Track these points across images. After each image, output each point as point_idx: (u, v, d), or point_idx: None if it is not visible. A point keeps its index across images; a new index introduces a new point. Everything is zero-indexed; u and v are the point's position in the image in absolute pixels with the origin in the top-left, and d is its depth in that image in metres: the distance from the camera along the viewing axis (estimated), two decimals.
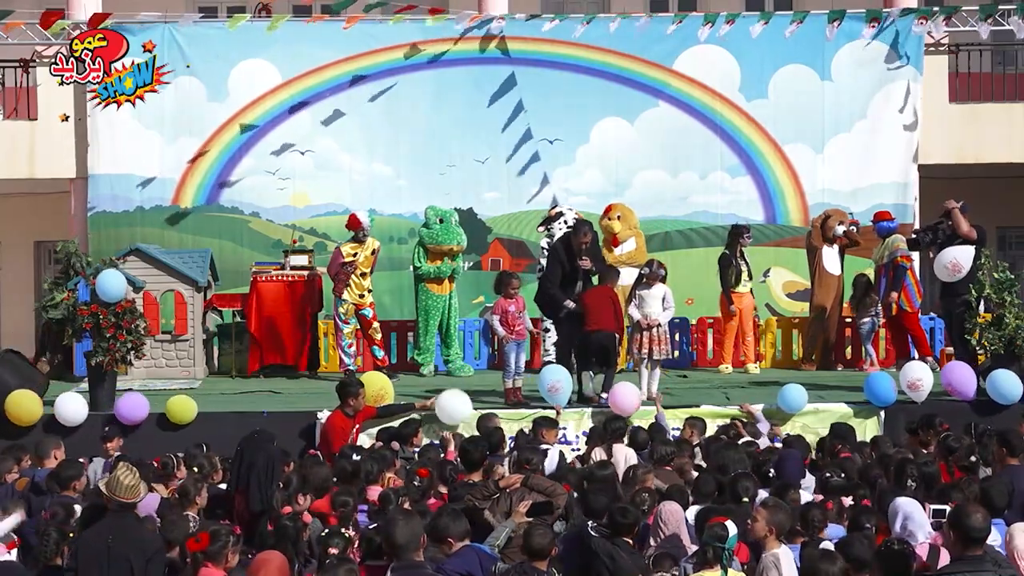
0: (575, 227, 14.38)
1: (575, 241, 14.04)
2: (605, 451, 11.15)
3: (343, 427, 12.54)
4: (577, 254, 13.97)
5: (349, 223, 16.28)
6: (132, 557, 7.70)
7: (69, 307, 14.32)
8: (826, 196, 18.93)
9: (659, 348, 14.03)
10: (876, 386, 13.65)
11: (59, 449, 11.30)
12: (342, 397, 12.69)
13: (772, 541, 7.97)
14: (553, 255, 14.40)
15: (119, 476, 7.96)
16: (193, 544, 7.59)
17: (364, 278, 16.13)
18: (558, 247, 14.38)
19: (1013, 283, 14.22)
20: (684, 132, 19.29)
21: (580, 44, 19.03)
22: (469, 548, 8.06)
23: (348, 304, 16.03)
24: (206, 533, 7.64)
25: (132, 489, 7.91)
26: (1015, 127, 19.89)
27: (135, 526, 7.99)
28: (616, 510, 8.48)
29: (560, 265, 14.08)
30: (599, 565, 8.27)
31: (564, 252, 14.13)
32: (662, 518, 8.74)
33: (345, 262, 16.00)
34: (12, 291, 22.62)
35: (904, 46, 19.01)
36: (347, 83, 19.20)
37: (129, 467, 8.19)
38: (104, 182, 18.95)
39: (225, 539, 7.63)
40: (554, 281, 14.12)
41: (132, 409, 13.35)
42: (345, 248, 16.15)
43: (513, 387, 13.98)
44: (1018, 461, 10.09)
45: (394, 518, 7.70)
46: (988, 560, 7.00)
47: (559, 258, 14.15)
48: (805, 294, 17.91)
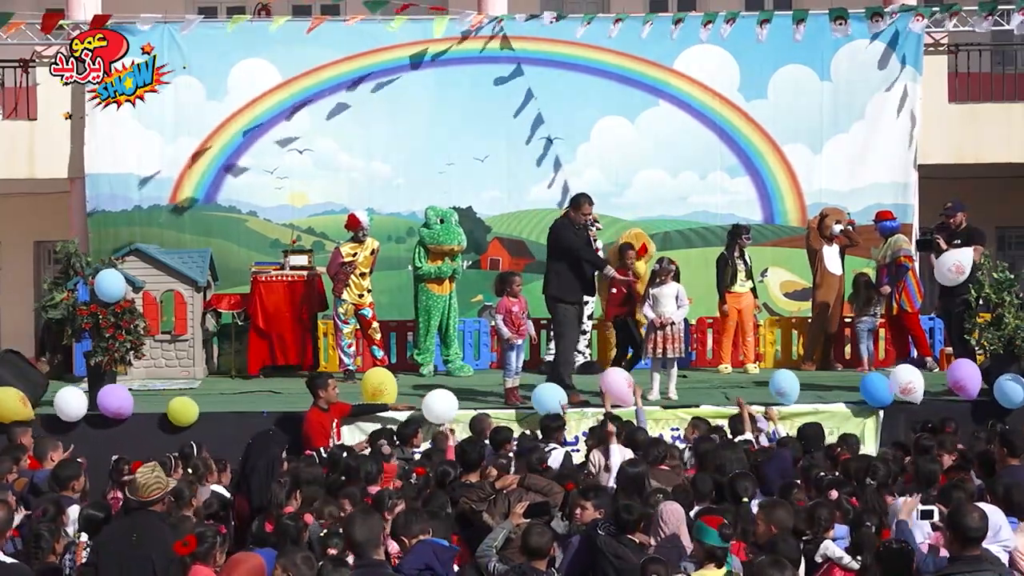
0: (574, 200, 14.20)
1: (577, 216, 13.95)
2: (601, 452, 11.12)
3: (320, 422, 12.63)
4: (583, 227, 13.90)
5: (348, 223, 16.28)
6: (155, 557, 7.72)
7: (69, 307, 14.33)
8: (824, 196, 18.93)
9: (673, 347, 14.09)
10: (872, 387, 13.66)
11: (57, 451, 11.30)
12: (313, 391, 12.79)
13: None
14: (565, 231, 14.07)
15: (136, 476, 8.05)
16: (181, 548, 7.61)
17: (364, 278, 16.14)
18: (563, 226, 14.12)
19: (1012, 283, 14.23)
20: (684, 132, 19.29)
21: (580, 43, 19.03)
22: (423, 543, 8.07)
23: (348, 304, 16.05)
24: (193, 536, 7.68)
25: (146, 488, 7.94)
26: (1014, 127, 19.89)
27: (157, 526, 7.98)
28: (621, 507, 8.49)
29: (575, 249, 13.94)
30: (605, 563, 8.28)
31: (572, 229, 14.06)
32: (663, 518, 8.73)
33: (344, 262, 16.00)
34: (12, 291, 22.62)
35: (903, 46, 19.01)
36: (346, 83, 19.18)
37: (152, 467, 8.21)
38: (104, 182, 18.94)
39: (212, 539, 7.71)
40: (585, 249, 13.94)
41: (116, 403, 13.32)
42: (344, 248, 16.16)
43: (514, 387, 14.00)
44: (1019, 461, 10.10)
45: (353, 516, 7.74)
46: (986, 560, 7.01)
47: (571, 232, 14.01)
48: (803, 294, 17.92)
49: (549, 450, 11.43)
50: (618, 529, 8.39)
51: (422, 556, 7.98)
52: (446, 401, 13.27)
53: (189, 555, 7.57)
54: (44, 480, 10.39)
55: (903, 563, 7.32)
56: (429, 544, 8.10)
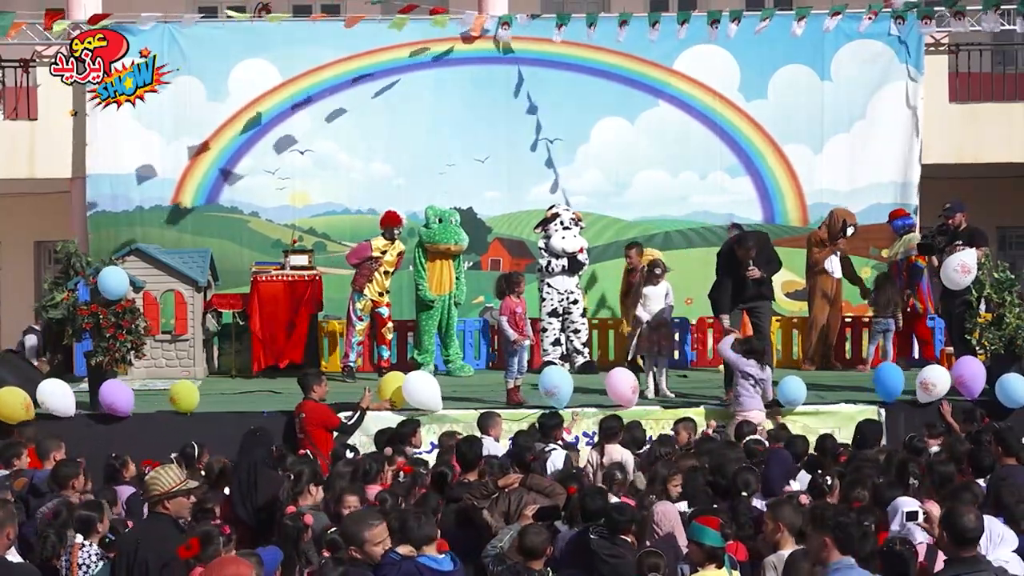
0: (739, 240, 14.32)
1: (739, 253, 14.01)
2: (598, 451, 11.11)
3: (319, 407, 12.55)
4: (743, 265, 13.94)
5: (387, 219, 16.30)
6: (150, 560, 7.68)
7: (69, 307, 14.32)
8: (825, 196, 18.92)
9: (665, 345, 14.15)
10: (887, 378, 13.64)
11: (59, 451, 11.27)
12: (305, 388, 12.74)
13: (787, 540, 7.88)
14: (723, 263, 14.32)
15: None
16: (184, 551, 7.49)
17: (387, 277, 16.15)
18: (724, 256, 14.35)
19: (1013, 283, 14.24)
20: (684, 132, 19.28)
21: (580, 44, 19.02)
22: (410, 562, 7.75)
23: (367, 300, 16.02)
24: (196, 538, 7.55)
25: (148, 484, 7.94)
26: (1015, 127, 19.88)
27: (161, 528, 7.91)
28: (612, 508, 8.47)
29: (728, 280, 14.10)
30: (600, 564, 8.26)
31: (727, 262, 14.18)
32: (656, 519, 8.70)
33: (373, 256, 15.98)
34: (12, 291, 22.64)
35: (904, 46, 18.99)
36: (347, 82, 19.18)
37: (165, 467, 8.18)
38: (104, 182, 18.94)
39: (216, 541, 7.60)
40: (722, 289, 14.12)
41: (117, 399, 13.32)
42: (376, 242, 16.15)
43: (515, 387, 14.01)
44: (1015, 461, 10.09)
45: (355, 515, 7.72)
46: (983, 560, 6.99)
47: (727, 268, 14.18)
48: (803, 294, 17.89)
49: (549, 450, 11.43)
50: (610, 531, 8.37)
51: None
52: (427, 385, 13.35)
53: (192, 558, 7.49)
54: (44, 480, 10.38)
55: (904, 564, 7.29)
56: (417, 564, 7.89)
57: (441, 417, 13.40)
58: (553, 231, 16.67)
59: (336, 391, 14.01)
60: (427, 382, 13.57)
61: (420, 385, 13.46)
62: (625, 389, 13.26)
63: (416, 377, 13.67)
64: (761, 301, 14.22)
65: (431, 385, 13.52)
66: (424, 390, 13.42)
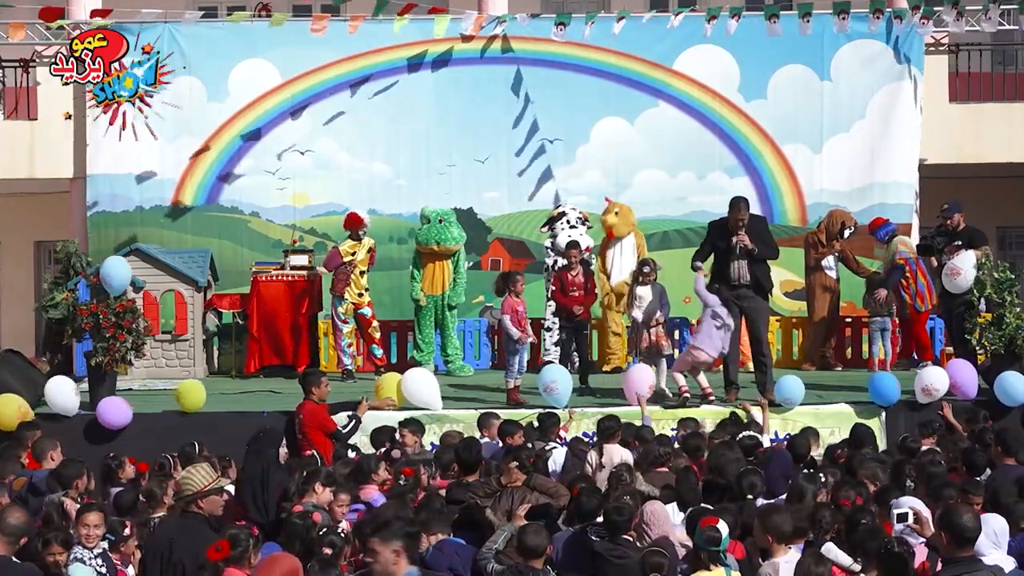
0: (731, 203, 14.02)
1: (730, 218, 13.83)
2: (596, 451, 11.09)
3: (321, 411, 12.55)
4: (732, 230, 13.78)
5: (349, 221, 16.29)
6: (186, 561, 7.65)
7: (69, 307, 14.32)
8: (824, 196, 18.92)
9: (665, 343, 14.15)
10: (881, 385, 13.63)
11: (56, 450, 11.27)
12: (306, 387, 12.68)
13: (777, 548, 7.90)
14: (712, 229, 14.13)
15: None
16: (214, 553, 7.43)
17: (362, 276, 16.15)
18: (712, 226, 14.18)
19: (1013, 283, 14.24)
20: (684, 132, 19.27)
21: (580, 43, 19.01)
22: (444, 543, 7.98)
23: (347, 303, 16.05)
24: (226, 540, 7.49)
25: (180, 483, 7.93)
26: (1015, 127, 19.88)
27: (196, 528, 7.91)
28: (611, 509, 8.45)
29: (710, 244, 13.93)
30: (606, 566, 8.25)
31: (716, 231, 14.00)
32: (645, 519, 8.62)
33: (345, 261, 16.00)
34: (12, 291, 22.65)
35: (904, 46, 18.98)
36: (347, 83, 19.18)
37: (198, 466, 8.17)
38: (104, 182, 18.93)
39: (245, 542, 7.54)
40: (698, 255, 13.91)
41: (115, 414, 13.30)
42: (344, 247, 16.17)
43: (515, 387, 14.01)
44: (1014, 461, 10.09)
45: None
46: (980, 560, 6.99)
47: (709, 238, 14.03)
48: (803, 293, 17.87)
49: (550, 449, 11.42)
50: (610, 532, 8.36)
51: (448, 557, 7.93)
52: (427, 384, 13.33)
53: (223, 560, 7.43)
54: (43, 480, 10.38)
55: (903, 564, 7.29)
56: (450, 544, 8.06)
57: (441, 417, 13.40)
58: (560, 230, 16.66)
59: (336, 391, 13.99)
60: (427, 381, 13.55)
61: (420, 384, 13.43)
62: (641, 386, 13.22)
63: (416, 376, 13.64)
64: (754, 300, 13.96)
65: (431, 384, 13.50)
66: (424, 389, 13.40)
